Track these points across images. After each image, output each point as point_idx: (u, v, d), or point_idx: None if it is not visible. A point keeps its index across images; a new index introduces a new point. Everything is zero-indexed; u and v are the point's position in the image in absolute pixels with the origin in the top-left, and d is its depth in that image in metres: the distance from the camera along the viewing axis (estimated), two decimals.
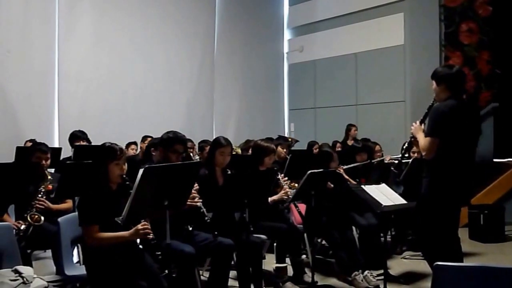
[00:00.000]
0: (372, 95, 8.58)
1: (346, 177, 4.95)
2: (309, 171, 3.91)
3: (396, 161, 5.63)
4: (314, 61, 9.46)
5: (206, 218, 3.37)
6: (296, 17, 9.89)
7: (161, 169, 2.78)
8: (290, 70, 10.04)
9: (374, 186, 3.83)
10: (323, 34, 9.27)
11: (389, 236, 5.48)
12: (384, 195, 3.74)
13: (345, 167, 5.10)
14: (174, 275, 3.22)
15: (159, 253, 2.86)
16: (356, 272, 4.24)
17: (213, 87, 8.99)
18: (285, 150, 5.51)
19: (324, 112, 9.31)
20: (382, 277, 3.91)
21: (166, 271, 2.89)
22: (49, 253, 4.71)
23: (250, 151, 5.36)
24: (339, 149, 7.23)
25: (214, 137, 7.53)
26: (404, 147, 3.85)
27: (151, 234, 2.78)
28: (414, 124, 3.58)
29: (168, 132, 3.62)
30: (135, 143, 6.60)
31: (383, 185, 3.91)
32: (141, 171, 2.54)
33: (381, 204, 3.59)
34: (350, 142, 7.55)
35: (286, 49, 10.04)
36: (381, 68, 8.45)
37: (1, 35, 6.58)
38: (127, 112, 7.69)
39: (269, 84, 9.78)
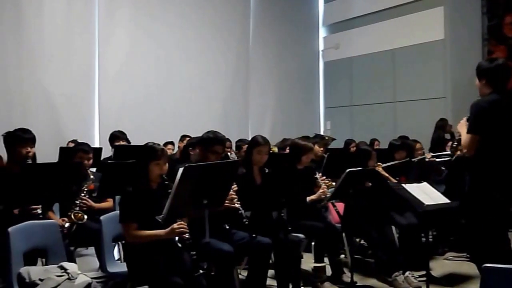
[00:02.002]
0: (411, 92, 8.39)
1: (385, 175, 4.85)
2: (348, 170, 3.86)
3: (438, 159, 5.50)
4: (350, 58, 9.33)
5: (245, 220, 3.35)
6: (332, 14, 9.78)
7: (201, 168, 2.79)
8: (326, 68, 9.95)
9: (415, 184, 3.72)
10: (359, 31, 9.13)
11: (431, 236, 5.34)
12: (426, 194, 3.63)
13: (383, 165, 5.00)
14: (212, 274, 3.23)
15: (194, 252, 2.86)
16: (397, 273, 4.15)
17: (249, 86, 9.01)
18: (322, 148, 5.46)
19: (361, 110, 9.17)
20: (424, 278, 3.80)
21: (201, 270, 2.88)
22: (90, 250, 4.84)
23: (287, 150, 5.35)
24: (377, 147, 7.10)
25: (249, 136, 7.66)
26: (454, 144, 3.74)
27: (187, 234, 2.81)
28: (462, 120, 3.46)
29: (208, 132, 3.62)
30: (172, 142, 6.68)
31: (425, 183, 3.80)
32: (181, 170, 2.56)
33: (423, 203, 3.48)
34: None
35: (321, 46, 9.95)
36: (420, 64, 8.24)
37: (46, 41, 6.83)
38: (164, 112, 7.81)
39: (304, 82, 9.72)
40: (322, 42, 9.97)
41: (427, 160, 5.62)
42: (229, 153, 5.90)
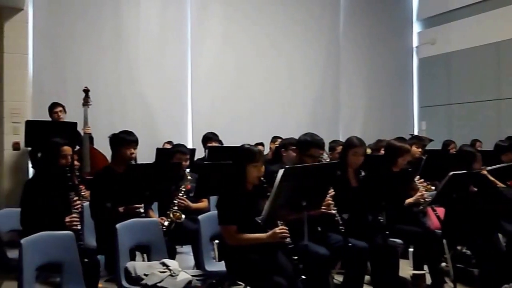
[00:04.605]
0: None
1: (492, 179, 4.50)
2: (451, 173, 3.64)
3: None
4: (448, 54, 8.79)
5: (341, 228, 3.27)
6: (427, 7, 9.28)
7: (301, 169, 2.77)
8: (421, 64, 9.46)
9: None
10: (458, 24, 8.57)
11: None
12: None
13: (488, 168, 4.64)
14: (306, 277, 3.19)
15: (296, 257, 2.82)
16: (507, 286, 3.82)
17: (339, 85, 8.84)
18: (420, 150, 5.19)
19: (460, 109, 8.60)
20: None
21: (303, 276, 2.84)
22: (185, 248, 5.02)
23: (381, 151, 5.16)
24: (479, 148, 6.61)
25: (339, 137, 7.51)
26: None
27: (288, 238, 2.78)
28: None
29: (305, 134, 3.58)
30: (262, 143, 6.73)
31: None
32: (281, 171, 2.55)
33: None
34: None
35: (415, 42, 9.49)
36: None
37: (141, 47, 7.20)
38: (253, 113, 7.89)
39: (397, 80, 9.33)
40: (416, 38, 9.51)
41: None
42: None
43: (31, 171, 6.13)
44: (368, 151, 5.71)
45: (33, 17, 6.35)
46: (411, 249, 4.31)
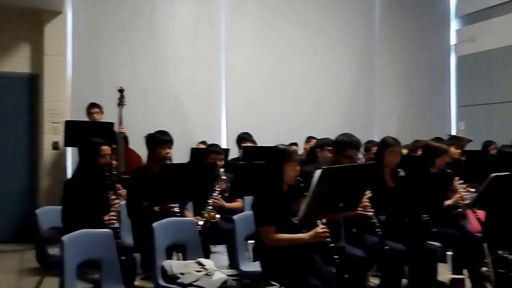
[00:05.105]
0: None
1: None
2: (493, 174, 3.51)
3: None
4: (488, 51, 8.51)
5: (378, 231, 3.21)
6: (466, 4, 9.01)
7: (338, 170, 2.73)
8: (459, 63, 9.20)
9: None
10: (499, 20, 8.28)
11: None
12: None
13: None
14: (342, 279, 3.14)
15: (337, 257, 2.78)
16: None
17: (373, 85, 8.70)
18: (459, 151, 5.05)
19: (501, 108, 8.30)
20: None
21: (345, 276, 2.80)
22: (217, 248, 5.03)
23: (417, 152, 5.05)
24: None
25: (374, 138, 7.38)
26: None
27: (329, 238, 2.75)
28: None
29: (342, 135, 3.54)
30: (295, 144, 6.69)
31: None
32: (318, 172, 2.53)
33: None
34: None
35: (453, 40, 9.24)
36: None
37: (175, 47, 7.28)
38: (287, 113, 7.86)
39: (434, 79, 9.10)
40: (454, 35, 9.25)
41: None
42: None
43: (69, 170, 6.31)
44: (405, 151, 5.61)
45: (72, 20, 6.53)
46: (450, 253, 4.19)
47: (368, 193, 3.26)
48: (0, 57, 6.24)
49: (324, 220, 2.79)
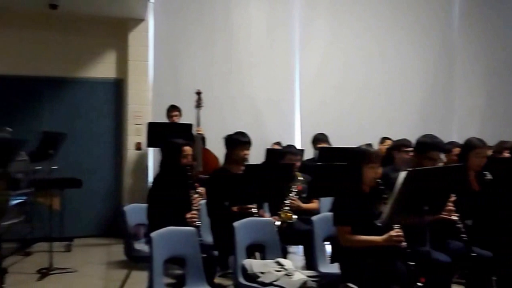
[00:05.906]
0: None
1: None
2: None
3: None
4: None
5: (464, 236, 3.07)
6: None
7: (424, 172, 2.66)
8: None
9: None
10: None
11: None
12: None
13: None
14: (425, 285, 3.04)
15: (413, 263, 2.70)
16: None
17: (452, 84, 8.31)
18: None
19: None
20: None
21: (419, 283, 2.71)
22: (293, 248, 5.05)
23: (503, 154, 4.78)
24: None
25: (453, 138, 7.02)
26: None
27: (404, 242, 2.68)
28: None
29: (424, 136, 3.43)
30: (370, 144, 6.54)
31: None
32: (403, 174, 2.47)
33: None
34: None
35: None
36: None
37: (250, 48, 7.39)
38: (361, 114, 7.73)
39: None
40: None
41: None
42: None
43: (150, 170, 6.62)
44: (489, 153, 5.31)
45: (154, 27, 6.85)
46: None
47: (453, 197, 3.14)
48: (89, 64, 6.70)
49: (399, 225, 2.72)
